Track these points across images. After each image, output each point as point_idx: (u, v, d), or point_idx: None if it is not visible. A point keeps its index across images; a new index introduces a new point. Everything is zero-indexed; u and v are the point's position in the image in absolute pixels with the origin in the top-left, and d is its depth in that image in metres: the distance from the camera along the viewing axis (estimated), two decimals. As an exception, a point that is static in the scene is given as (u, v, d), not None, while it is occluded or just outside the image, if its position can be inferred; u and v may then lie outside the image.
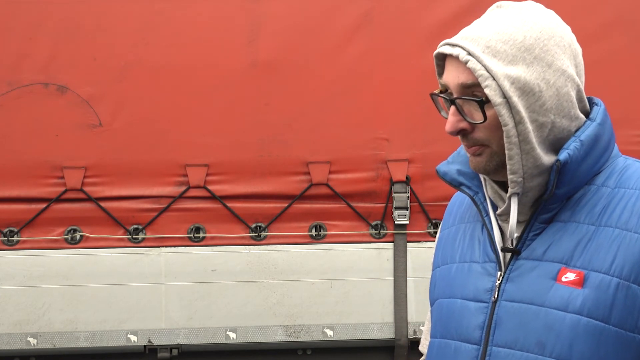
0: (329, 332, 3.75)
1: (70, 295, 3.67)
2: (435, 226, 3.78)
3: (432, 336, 1.58)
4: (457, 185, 1.54)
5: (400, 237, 3.77)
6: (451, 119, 1.43)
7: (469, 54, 1.39)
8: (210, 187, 3.73)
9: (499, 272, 1.45)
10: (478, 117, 1.41)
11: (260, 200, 3.75)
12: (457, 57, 1.40)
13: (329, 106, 3.74)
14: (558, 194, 1.42)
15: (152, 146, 3.72)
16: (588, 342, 1.34)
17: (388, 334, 3.77)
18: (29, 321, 3.66)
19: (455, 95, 1.43)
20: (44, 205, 3.67)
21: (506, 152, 1.39)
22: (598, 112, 1.46)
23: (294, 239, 3.76)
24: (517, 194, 1.42)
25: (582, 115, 1.45)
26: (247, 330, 3.72)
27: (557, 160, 1.38)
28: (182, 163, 3.73)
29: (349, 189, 3.76)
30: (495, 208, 1.51)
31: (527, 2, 1.50)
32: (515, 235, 1.45)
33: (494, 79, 1.37)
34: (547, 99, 1.38)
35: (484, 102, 1.39)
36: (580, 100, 1.45)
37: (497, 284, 1.45)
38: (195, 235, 3.73)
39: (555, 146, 1.43)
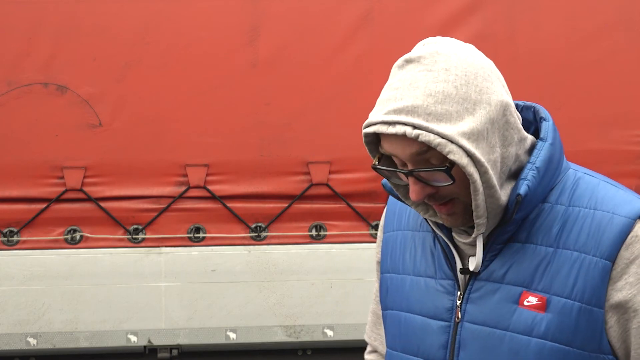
0: (329, 332, 3.75)
1: (70, 295, 3.67)
2: (435, 226, 3.78)
3: (390, 347, 1.60)
4: (393, 194, 1.52)
5: (400, 237, 3.76)
6: (415, 188, 1.39)
7: (415, 127, 1.34)
8: (210, 187, 3.73)
9: (459, 292, 1.46)
10: (443, 179, 1.37)
11: (260, 200, 3.75)
12: (402, 135, 1.35)
13: (329, 106, 3.74)
14: (515, 218, 1.42)
15: (152, 146, 3.72)
16: None
17: (388, 334, 3.77)
18: (29, 321, 3.66)
19: (410, 166, 1.39)
20: (44, 205, 3.67)
21: (473, 202, 1.37)
22: (548, 130, 1.45)
23: (294, 239, 3.76)
24: (482, 233, 1.42)
25: (526, 134, 1.44)
26: (247, 330, 3.72)
27: (518, 194, 1.37)
28: (182, 163, 3.73)
29: (349, 189, 3.76)
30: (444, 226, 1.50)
31: (434, 47, 1.42)
32: (471, 258, 1.45)
33: (452, 142, 1.32)
34: (492, 136, 1.36)
35: (449, 169, 1.35)
36: (517, 116, 1.44)
37: (457, 303, 1.46)
38: (195, 235, 3.73)
39: (507, 174, 1.42)
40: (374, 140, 1.45)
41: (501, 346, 1.39)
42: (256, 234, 3.75)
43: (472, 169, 1.34)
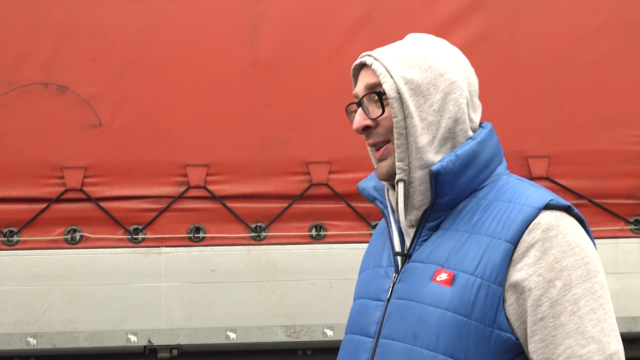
0: (329, 332, 3.75)
1: (70, 295, 3.67)
2: (435, 226, 3.79)
3: (345, 333, 1.75)
4: (372, 200, 1.72)
5: (400, 237, 3.76)
6: (357, 118, 1.64)
7: (375, 59, 1.65)
8: (210, 187, 3.73)
9: (394, 274, 1.63)
10: (378, 112, 1.61)
11: (260, 200, 3.75)
12: (367, 65, 1.66)
13: (329, 106, 3.74)
14: (441, 203, 1.59)
15: (152, 146, 3.72)
16: (452, 334, 1.49)
17: (388, 334, 3.77)
18: (29, 321, 3.66)
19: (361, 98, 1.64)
20: (44, 205, 3.67)
21: (394, 141, 1.59)
22: (481, 132, 1.62)
23: (294, 239, 3.76)
24: (403, 180, 1.61)
25: (468, 122, 1.62)
26: (247, 330, 3.72)
27: (430, 170, 1.56)
28: (182, 163, 3.73)
29: (349, 189, 3.76)
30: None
31: (420, 35, 1.71)
32: (407, 242, 1.64)
33: (392, 77, 1.60)
34: (435, 101, 1.58)
35: (381, 94, 1.60)
36: (469, 114, 1.62)
37: (391, 284, 1.62)
38: (195, 235, 3.73)
39: (449, 149, 1.60)
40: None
41: (413, 315, 1.54)
42: (256, 234, 3.75)
43: (396, 104, 1.57)
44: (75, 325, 3.67)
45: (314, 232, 3.78)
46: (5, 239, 3.66)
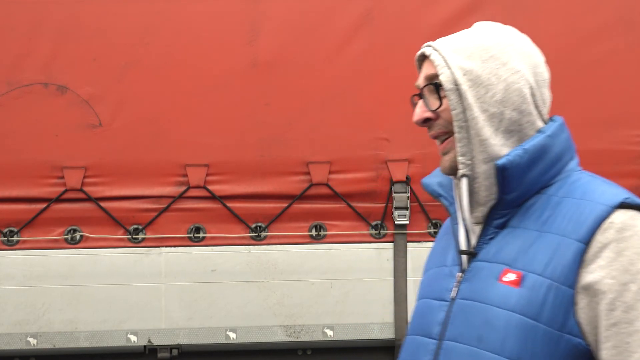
0: (329, 332, 3.75)
1: (70, 295, 3.67)
2: (436, 226, 3.79)
3: (406, 334, 1.69)
4: (437, 196, 1.68)
5: (401, 237, 3.77)
6: (417, 110, 1.60)
7: (435, 50, 1.58)
8: (210, 187, 3.73)
9: (459, 274, 1.58)
10: (437, 104, 1.56)
11: (260, 200, 3.75)
12: (428, 56, 1.59)
13: (329, 106, 3.74)
14: (507, 199, 1.53)
15: (152, 146, 3.72)
16: (519, 338, 1.42)
17: (388, 334, 3.77)
18: (29, 321, 3.66)
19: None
20: (44, 205, 3.67)
21: (455, 135, 1.54)
22: (551, 126, 1.56)
23: (294, 239, 3.76)
24: (467, 176, 1.55)
25: (536, 114, 1.56)
26: (247, 330, 3.72)
27: (496, 164, 1.50)
28: (182, 163, 3.73)
29: (349, 189, 3.76)
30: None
31: (491, 23, 1.65)
32: (474, 240, 1.58)
33: (449, 68, 1.54)
34: (497, 91, 1.52)
35: (438, 85, 1.55)
36: (536, 106, 1.56)
37: (455, 283, 1.57)
38: (195, 235, 3.73)
39: (516, 142, 1.55)
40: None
41: (478, 317, 1.48)
42: (256, 234, 3.75)
43: (453, 97, 1.53)
44: (75, 325, 3.67)
45: (313, 232, 3.78)
46: (5, 239, 3.66)
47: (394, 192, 3.75)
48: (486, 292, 1.49)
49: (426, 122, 1.59)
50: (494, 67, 1.53)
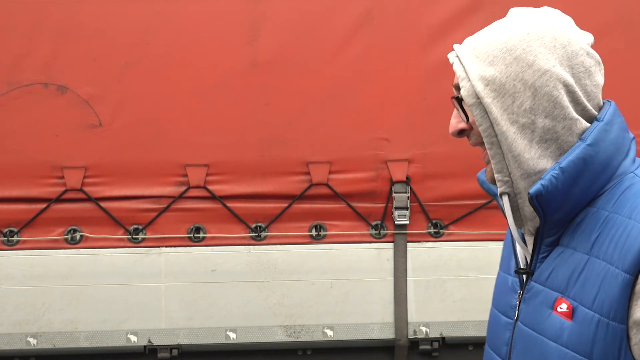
0: (329, 332, 3.75)
1: (70, 295, 3.67)
2: (436, 226, 3.78)
3: (485, 342, 1.68)
4: (493, 195, 1.55)
5: (401, 237, 3.77)
6: (452, 121, 1.47)
7: (457, 56, 1.46)
8: (210, 187, 3.73)
9: (520, 291, 1.51)
10: (465, 116, 1.45)
11: (260, 200, 3.75)
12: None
13: (329, 106, 3.74)
14: (554, 220, 1.41)
15: (152, 146, 3.72)
16: None
17: (388, 334, 3.77)
18: (29, 321, 3.66)
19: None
20: (44, 205, 3.67)
21: (487, 152, 1.43)
22: (592, 131, 1.40)
23: (294, 239, 3.76)
24: (507, 193, 1.44)
25: (575, 115, 1.41)
26: (247, 330, 3.72)
27: (529, 194, 1.37)
28: (182, 163, 3.73)
29: (349, 189, 3.76)
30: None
31: (540, 8, 1.49)
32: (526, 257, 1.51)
33: (470, 80, 1.41)
34: (525, 99, 1.39)
35: (460, 100, 1.43)
36: (577, 103, 1.42)
37: (517, 302, 1.51)
38: (195, 235, 3.73)
39: (555, 151, 1.41)
40: None
41: (535, 349, 1.42)
42: (256, 234, 3.75)
43: (477, 112, 1.40)
44: (75, 325, 3.67)
45: (314, 232, 3.78)
46: (5, 239, 3.66)
47: (394, 192, 3.75)
48: (541, 321, 1.42)
49: (461, 133, 1.47)
50: (518, 70, 1.39)
